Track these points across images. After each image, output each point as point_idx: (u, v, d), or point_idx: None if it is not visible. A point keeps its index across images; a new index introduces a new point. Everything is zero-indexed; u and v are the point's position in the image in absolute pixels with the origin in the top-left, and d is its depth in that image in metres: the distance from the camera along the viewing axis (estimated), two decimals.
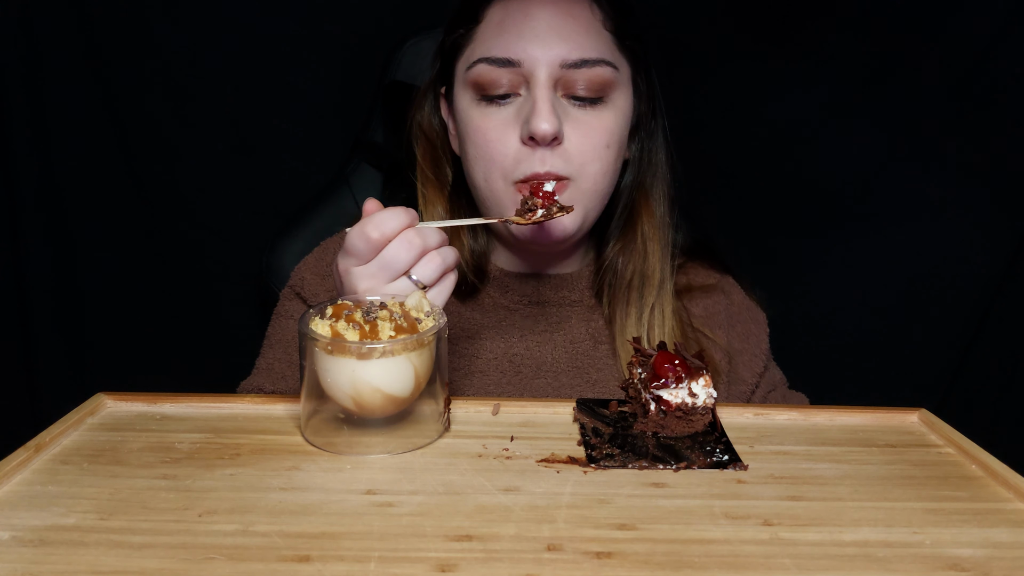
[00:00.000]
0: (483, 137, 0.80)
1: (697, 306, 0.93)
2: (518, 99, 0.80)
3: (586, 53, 0.78)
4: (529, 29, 0.78)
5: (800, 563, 0.47)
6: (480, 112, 0.81)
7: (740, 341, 0.94)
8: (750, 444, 0.64)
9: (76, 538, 0.48)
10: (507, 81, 0.79)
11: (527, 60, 0.78)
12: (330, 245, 0.94)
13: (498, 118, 0.80)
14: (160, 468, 0.57)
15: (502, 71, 0.78)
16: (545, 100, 0.77)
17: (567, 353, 0.88)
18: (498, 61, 0.78)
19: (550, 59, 0.78)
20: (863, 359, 1.36)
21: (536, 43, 0.78)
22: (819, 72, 1.25)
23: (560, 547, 0.48)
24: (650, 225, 0.88)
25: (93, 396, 0.67)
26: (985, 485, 0.58)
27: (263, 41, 1.19)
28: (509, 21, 0.79)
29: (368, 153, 1.07)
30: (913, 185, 1.28)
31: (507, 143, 0.79)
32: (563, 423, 0.67)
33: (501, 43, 0.79)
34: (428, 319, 0.63)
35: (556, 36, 0.78)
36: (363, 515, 0.51)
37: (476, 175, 0.83)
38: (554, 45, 0.78)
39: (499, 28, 0.80)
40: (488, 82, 0.79)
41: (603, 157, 0.81)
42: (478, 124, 0.81)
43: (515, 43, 0.78)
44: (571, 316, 0.90)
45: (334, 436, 0.61)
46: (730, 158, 1.28)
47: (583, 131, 0.79)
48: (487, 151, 0.80)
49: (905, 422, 0.69)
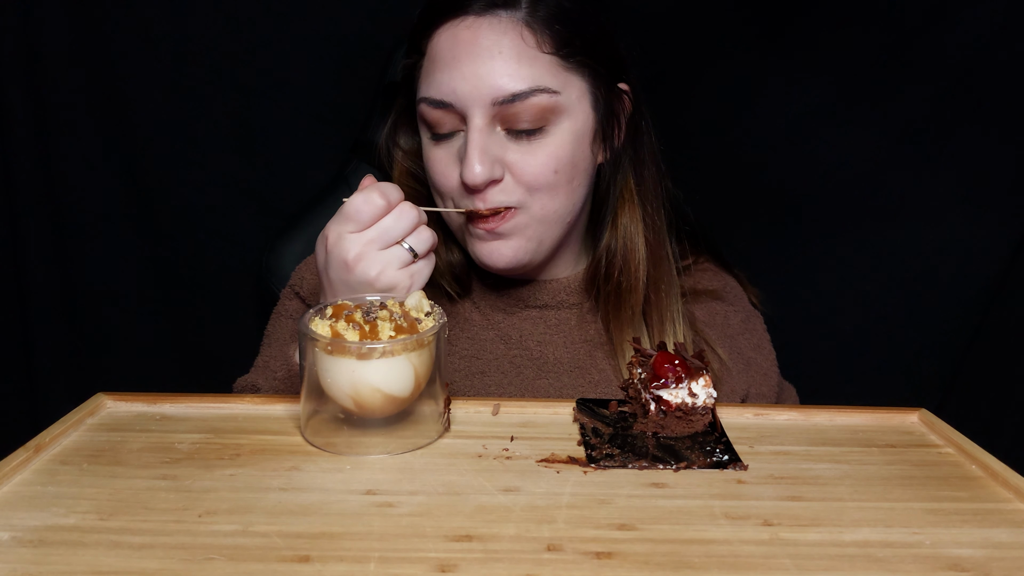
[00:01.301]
0: (433, 170, 0.82)
1: (701, 311, 0.93)
2: (461, 135, 0.80)
3: (518, 86, 0.76)
4: (457, 68, 0.76)
5: (800, 563, 0.47)
6: (431, 147, 0.82)
7: (752, 351, 0.93)
8: (750, 444, 0.64)
9: (76, 538, 0.48)
10: (448, 121, 0.79)
11: (458, 101, 0.77)
12: None
13: (444, 154, 0.81)
14: (160, 468, 0.57)
15: (439, 111, 0.78)
16: (475, 146, 0.76)
17: (568, 354, 0.88)
18: (433, 102, 0.79)
19: (480, 98, 0.76)
20: (863, 359, 1.36)
21: (464, 83, 0.76)
22: (819, 72, 1.25)
23: (560, 547, 0.48)
24: (634, 225, 0.87)
25: (93, 396, 0.67)
26: (985, 485, 0.58)
27: (263, 41, 1.19)
28: (441, 59, 0.78)
29: (368, 153, 1.07)
30: (913, 185, 1.28)
31: (452, 178, 0.81)
32: (563, 423, 0.67)
33: (436, 83, 0.78)
34: (428, 319, 0.63)
35: (485, 74, 0.76)
36: (363, 515, 0.51)
37: (437, 203, 0.85)
38: (483, 83, 0.76)
39: (434, 66, 0.79)
40: (431, 121, 0.80)
41: (552, 182, 0.80)
42: (429, 156, 0.83)
43: (447, 83, 0.77)
44: (570, 318, 0.90)
45: (334, 436, 0.61)
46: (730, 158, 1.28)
47: (526, 162, 0.79)
48: (437, 184, 0.83)
49: (905, 422, 0.69)
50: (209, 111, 1.20)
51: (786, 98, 1.25)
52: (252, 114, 1.21)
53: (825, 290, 1.33)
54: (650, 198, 0.88)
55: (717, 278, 0.97)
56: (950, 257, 1.30)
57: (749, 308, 0.97)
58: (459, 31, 0.77)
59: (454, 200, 0.82)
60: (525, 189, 0.79)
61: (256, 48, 1.19)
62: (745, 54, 1.24)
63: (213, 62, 1.18)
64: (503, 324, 0.89)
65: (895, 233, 1.30)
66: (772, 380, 0.93)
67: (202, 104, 1.20)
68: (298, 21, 1.19)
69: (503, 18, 0.77)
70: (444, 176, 0.81)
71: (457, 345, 0.87)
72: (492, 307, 0.90)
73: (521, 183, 0.79)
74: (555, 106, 0.78)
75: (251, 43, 1.19)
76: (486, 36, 0.76)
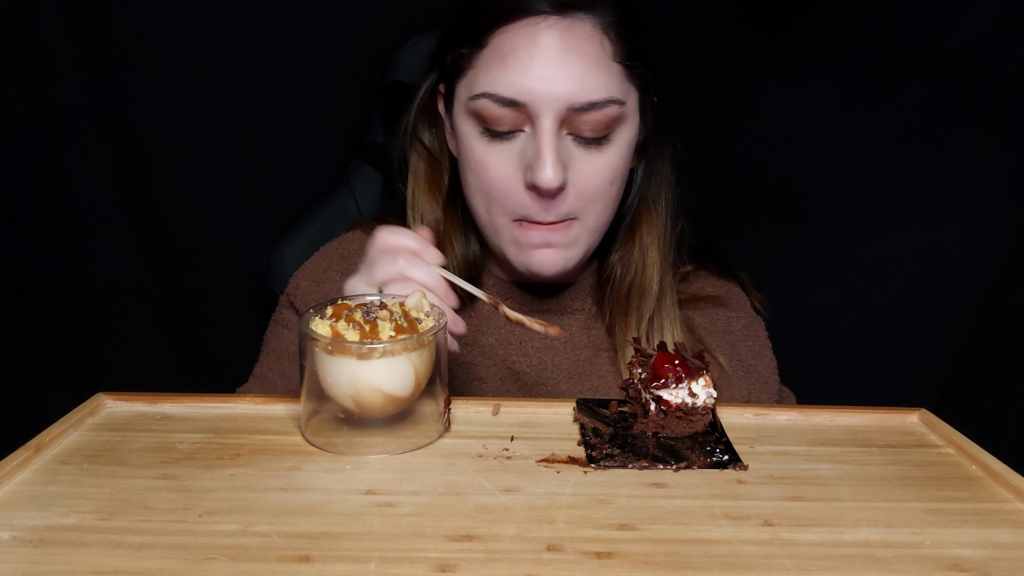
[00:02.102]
0: (485, 172, 0.78)
1: (703, 317, 0.92)
2: (522, 135, 0.77)
3: (595, 95, 0.75)
4: (536, 69, 0.74)
5: (800, 563, 0.47)
6: (482, 146, 0.78)
7: (752, 359, 0.93)
8: (750, 444, 0.64)
9: (76, 538, 0.48)
10: (511, 120, 0.76)
11: (532, 102, 0.74)
12: (328, 251, 0.93)
13: (501, 155, 0.78)
14: (160, 468, 0.57)
15: (506, 110, 0.75)
16: (550, 150, 0.74)
17: (568, 360, 0.87)
18: (502, 100, 0.75)
19: (557, 102, 0.74)
20: (863, 359, 1.36)
21: (543, 84, 0.74)
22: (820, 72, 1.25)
23: (560, 547, 0.48)
24: (650, 235, 0.87)
25: (93, 396, 0.67)
26: (985, 485, 0.58)
27: (263, 41, 1.19)
28: (514, 56, 0.75)
29: (368, 153, 1.07)
30: (913, 185, 1.28)
31: (509, 182, 0.77)
32: (563, 423, 0.67)
33: (506, 80, 0.75)
34: (428, 319, 0.63)
35: (564, 77, 0.74)
36: (363, 515, 0.51)
37: (477, 205, 0.82)
38: (562, 87, 0.74)
39: (504, 62, 0.75)
40: (491, 118, 0.76)
41: (606, 193, 0.80)
42: (480, 158, 0.79)
43: (520, 82, 0.74)
44: (572, 324, 0.89)
45: (334, 436, 0.61)
46: (730, 158, 1.28)
47: (587, 172, 0.78)
48: (489, 187, 0.79)
49: (905, 422, 0.69)
50: (209, 111, 1.20)
51: (786, 98, 1.25)
52: (252, 114, 1.21)
53: (825, 290, 1.33)
54: (668, 209, 0.88)
55: (719, 284, 0.96)
56: (950, 257, 1.30)
57: (752, 314, 0.96)
58: (539, 29, 0.74)
59: (506, 202, 0.79)
60: (583, 198, 0.78)
61: (256, 48, 1.19)
62: (745, 54, 1.24)
63: (213, 62, 1.18)
64: (503, 330, 0.88)
65: (895, 233, 1.30)
66: (772, 388, 0.93)
67: (202, 104, 1.20)
68: (298, 21, 1.19)
69: (585, 22, 0.75)
70: (500, 178, 0.78)
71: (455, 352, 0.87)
72: (492, 312, 0.89)
73: (581, 192, 0.78)
74: (620, 116, 0.78)
75: (251, 43, 1.19)
76: (568, 39, 0.74)
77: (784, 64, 1.24)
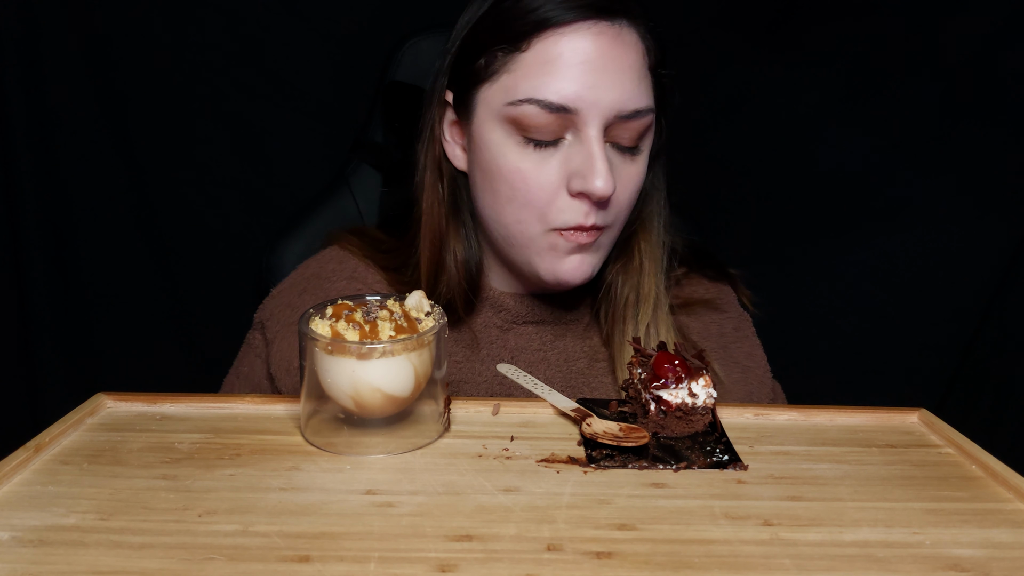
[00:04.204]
0: (523, 181, 0.75)
1: (696, 322, 0.91)
2: (564, 143, 0.75)
3: (639, 103, 0.74)
4: (588, 75, 0.72)
5: (800, 563, 0.47)
6: (521, 154, 0.75)
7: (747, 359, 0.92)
8: (750, 444, 0.64)
9: (76, 538, 0.48)
10: (555, 127, 0.74)
11: (582, 109, 0.72)
12: (305, 272, 0.90)
13: (542, 163, 0.75)
14: (160, 468, 0.57)
15: (553, 116, 0.73)
16: (601, 157, 0.73)
17: (561, 373, 0.86)
18: (551, 106, 0.72)
19: (606, 110, 0.73)
20: (863, 359, 1.36)
21: (593, 91, 0.72)
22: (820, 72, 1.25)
23: (560, 547, 0.48)
24: (647, 244, 0.86)
25: (93, 396, 0.67)
26: (985, 485, 0.58)
27: (263, 41, 1.19)
28: (564, 61, 0.72)
29: (368, 154, 1.07)
30: (913, 185, 1.28)
31: (552, 190, 0.75)
32: (563, 423, 0.67)
33: (555, 86, 0.72)
34: (428, 319, 0.63)
35: (613, 84, 0.73)
36: (363, 515, 0.51)
37: (506, 215, 0.78)
38: (612, 95, 0.73)
39: (552, 67, 0.72)
40: (536, 125, 0.74)
41: (631, 203, 0.80)
42: (517, 166, 0.75)
43: (571, 88, 0.72)
44: (566, 334, 0.88)
45: (334, 436, 0.61)
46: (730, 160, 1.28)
47: (624, 181, 0.77)
48: (527, 196, 0.76)
49: (905, 422, 0.69)
50: (209, 111, 1.20)
51: (786, 98, 1.26)
52: (252, 114, 1.21)
53: (825, 290, 1.33)
54: (662, 219, 0.87)
55: (711, 287, 0.95)
56: (950, 257, 1.31)
57: (739, 312, 0.95)
58: (587, 35, 0.72)
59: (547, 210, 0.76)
60: (616, 206, 0.77)
61: (256, 48, 1.19)
62: (745, 54, 1.24)
63: (213, 62, 1.19)
64: (495, 344, 0.86)
65: (895, 233, 1.30)
66: (767, 385, 0.92)
67: (202, 104, 1.20)
68: (298, 21, 1.19)
69: (629, 30, 0.74)
70: (543, 186, 0.75)
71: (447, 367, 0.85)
72: (486, 325, 0.87)
73: (616, 200, 0.77)
74: (651, 126, 0.77)
75: (251, 43, 1.19)
76: (616, 46, 0.73)
77: (784, 63, 1.24)
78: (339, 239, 0.92)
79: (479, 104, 0.78)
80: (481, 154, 0.78)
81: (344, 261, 0.90)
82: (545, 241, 0.78)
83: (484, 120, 0.77)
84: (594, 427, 0.63)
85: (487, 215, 0.81)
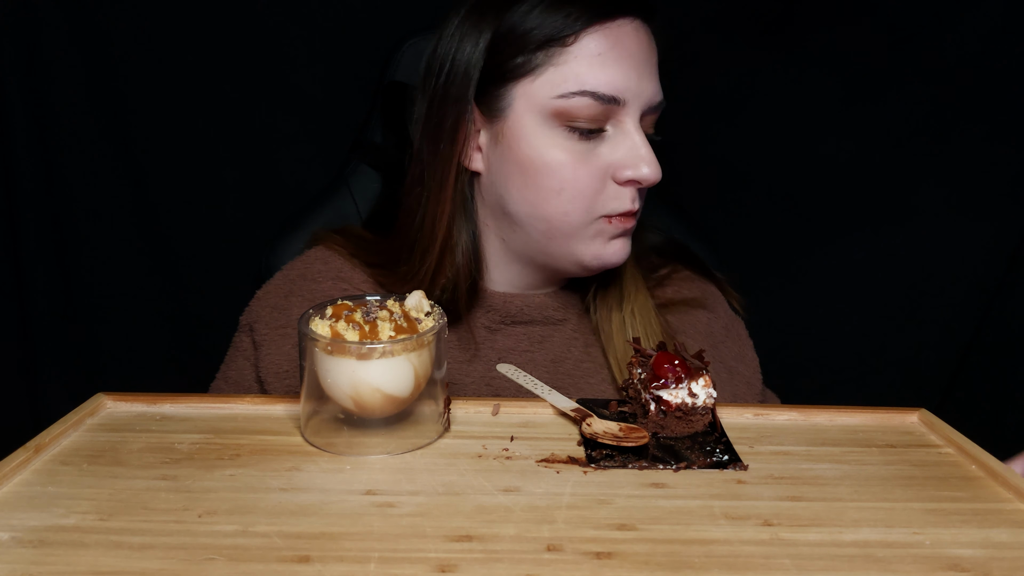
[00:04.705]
0: (571, 171, 0.77)
1: (682, 321, 0.91)
2: (605, 134, 0.78)
3: (661, 96, 0.80)
4: (633, 68, 0.77)
5: (800, 563, 0.47)
6: (568, 146, 0.77)
7: (734, 360, 0.92)
8: (750, 444, 0.64)
9: (76, 538, 0.48)
10: (600, 118, 0.77)
11: (630, 99, 0.77)
12: (291, 273, 0.90)
13: (588, 154, 0.77)
14: (160, 468, 0.57)
15: (602, 108, 0.76)
16: (648, 145, 0.77)
17: (548, 373, 0.85)
18: (604, 98, 0.75)
19: (645, 101, 0.78)
20: (863, 359, 1.36)
21: (637, 84, 0.77)
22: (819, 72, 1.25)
23: (560, 547, 0.48)
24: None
25: (93, 396, 0.67)
26: (985, 485, 0.58)
27: (263, 41, 1.19)
28: (612, 55, 0.76)
29: (367, 154, 1.07)
30: (913, 186, 1.28)
31: (597, 177, 0.78)
32: (563, 423, 0.67)
33: (607, 78, 0.75)
34: (428, 319, 0.63)
35: (649, 77, 0.78)
36: (363, 515, 0.51)
37: (550, 208, 0.78)
38: (649, 88, 0.78)
39: (601, 60, 0.76)
40: (587, 116, 0.76)
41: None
42: (563, 157, 0.77)
43: (622, 80, 0.76)
44: (553, 334, 0.88)
45: (334, 436, 0.61)
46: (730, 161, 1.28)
47: None
48: (576, 186, 0.77)
49: (905, 422, 0.69)
50: (209, 111, 1.20)
51: (786, 98, 1.25)
52: (252, 114, 1.21)
53: (825, 290, 1.33)
54: None
55: (696, 286, 0.95)
56: (950, 257, 1.31)
57: (730, 315, 0.95)
58: (627, 32, 0.77)
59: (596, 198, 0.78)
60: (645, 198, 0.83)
61: (256, 48, 1.19)
62: (744, 53, 1.24)
63: (213, 62, 1.19)
64: (483, 345, 0.86)
65: (895, 233, 1.30)
66: (756, 389, 0.92)
67: (202, 104, 1.20)
68: (298, 21, 1.19)
69: (648, 28, 0.80)
70: (592, 174, 0.78)
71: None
72: (472, 326, 0.86)
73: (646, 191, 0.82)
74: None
75: (251, 43, 1.19)
76: (647, 43, 0.79)
77: (783, 63, 1.24)
78: (324, 239, 0.92)
79: (516, 99, 0.78)
80: (519, 150, 0.78)
81: (329, 261, 0.89)
82: (592, 228, 0.80)
83: (523, 114, 0.78)
84: (594, 427, 0.63)
85: (522, 211, 0.80)
